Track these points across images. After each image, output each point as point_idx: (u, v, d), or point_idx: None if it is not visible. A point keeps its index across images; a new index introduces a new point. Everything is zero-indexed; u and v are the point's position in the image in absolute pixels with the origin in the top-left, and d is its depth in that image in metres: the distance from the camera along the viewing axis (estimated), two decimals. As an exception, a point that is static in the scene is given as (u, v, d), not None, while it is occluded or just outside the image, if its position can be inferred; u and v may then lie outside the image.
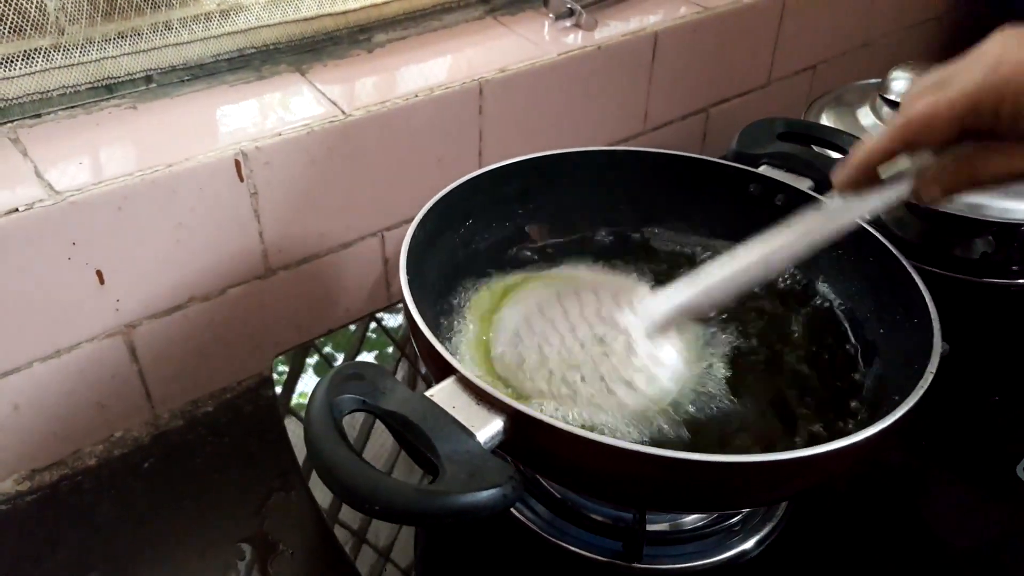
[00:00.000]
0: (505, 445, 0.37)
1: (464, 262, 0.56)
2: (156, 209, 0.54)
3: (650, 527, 0.49)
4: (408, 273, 0.44)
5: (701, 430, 0.46)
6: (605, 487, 0.40)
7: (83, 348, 0.56)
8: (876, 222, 0.77)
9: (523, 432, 0.36)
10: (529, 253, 0.59)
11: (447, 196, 0.52)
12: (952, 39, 1.16)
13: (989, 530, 0.52)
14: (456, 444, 0.34)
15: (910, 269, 0.49)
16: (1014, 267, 0.73)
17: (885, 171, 0.44)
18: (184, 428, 0.62)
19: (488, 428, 0.36)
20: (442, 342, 0.40)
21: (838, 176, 0.45)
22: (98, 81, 0.58)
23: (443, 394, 0.37)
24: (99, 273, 0.54)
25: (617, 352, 0.45)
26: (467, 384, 0.37)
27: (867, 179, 0.45)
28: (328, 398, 0.33)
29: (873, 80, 0.81)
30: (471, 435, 0.35)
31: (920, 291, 0.47)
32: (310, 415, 0.32)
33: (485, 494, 0.31)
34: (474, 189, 0.54)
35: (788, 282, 0.55)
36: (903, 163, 0.44)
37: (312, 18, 0.65)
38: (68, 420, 0.58)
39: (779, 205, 0.57)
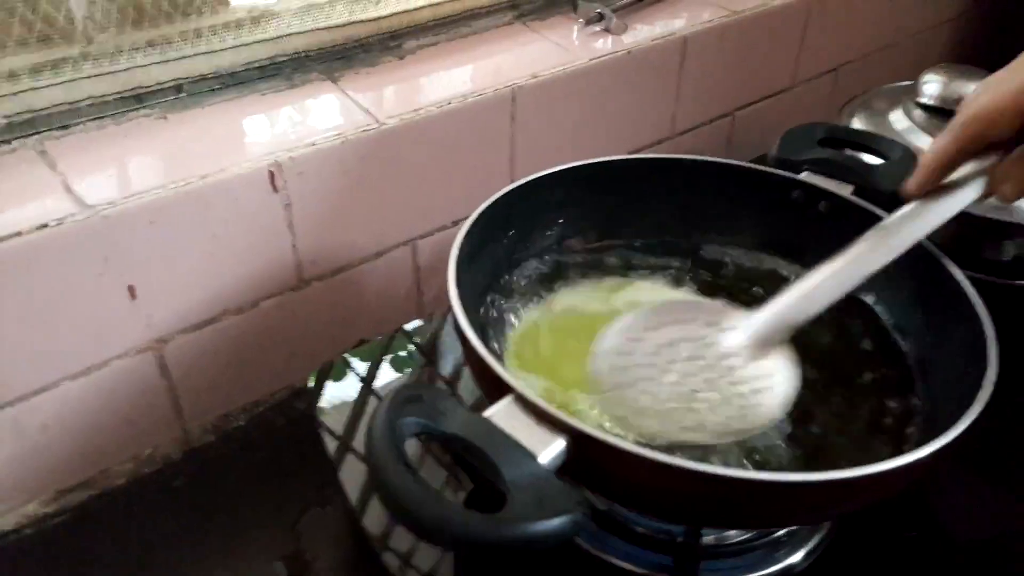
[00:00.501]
0: (566, 466, 0.36)
1: (506, 273, 0.55)
2: (189, 222, 0.53)
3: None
4: (458, 287, 0.43)
5: (762, 453, 0.44)
6: (665, 505, 0.39)
7: (113, 365, 0.55)
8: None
9: (585, 452, 0.35)
10: (574, 263, 0.58)
11: (491, 207, 0.51)
12: (974, 38, 1.15)
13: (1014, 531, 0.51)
14: (520, 468, 0.33)
15: (962, 280, 0.48)
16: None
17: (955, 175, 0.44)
18: (216, 443, 0.61)
19: (550, 449, 0.35)
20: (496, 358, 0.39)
21: (911, 183, 0.45)
22: (127, 91, 0.57)
23: (502, 414, 0.36)
24: (131, 288, 0.53)
25: (728, 374, 0.44)
26: (526, 403, 0.36)
27: (939, 184, 0.45)
28: (390, 421, 0.32)
29: (904, 83, 0.80)
30: (533, 458, 0.34)
31: (970, 300, 0.46)
32: (373, 440, 0.31)
33: (556, 522, 0.30)
34: (517, 198, 0.53)
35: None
36: (970, 167, 0.44)
37: (343, 25, 0.64)
38: (96, 439, 0.57)
39: (822, 212, 0.56)
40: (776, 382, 0.44)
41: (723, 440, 0.43)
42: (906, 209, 0.46)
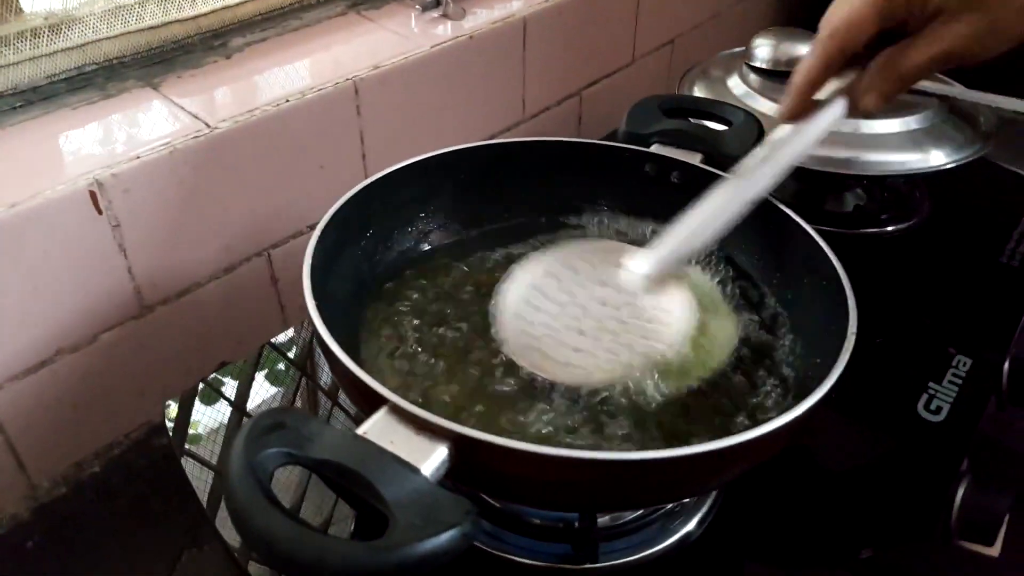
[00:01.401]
0: (451, 472, 0.34)
1: (371, 275, 0.52)
2: (2, 258, 0.48)
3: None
4: (315, 298, 0.40)
5: (639, 422, 0.44)
6: (557, 496, 0.38)
7: (-67, 426, 0.48)
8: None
9: (469, 455, 0.34)
10: (442, 250, 0.57)
11: (341, 209, 0.48)
12: (794, 5, 1.21)
13: (902, 470, 0.54)
14: (402, 485, 0.31)
15: (815, 236, 0.50)
16: (883, 216, 0.77)
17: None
18: (69, 495, 0.56)
19: (432, 459, 0.33)
20: (365, 369, 0.37)
21: (783, 107, 0.47)
22: (-90, 117, 0.50)
23: (377, 429, 0.34)
24: (-58, 338, 0.47)
25: (625, 311, 0.46)
26: (402, 413, 0.34)
27: (809, 104, 0.46)
28: (247, 457, 0.29)
29: (737, 49, 0.83)
30: (416, 471, 0.32)
31: (826, 255, 0.48)
32: (230, 481, 0.28)
33: (444, 537, 0.28)
34: (369, 197, 0.50)
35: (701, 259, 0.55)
36: (832, 85, 0.46)
37: (158, 26, 0.59)
38: (-74, 509, 0.50)
39: (676, 182, 0.57)
40: (675, 314, 0.46)
41: (633, 373, 0.44)
42: (779, 134, 0.48)
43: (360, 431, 0.33)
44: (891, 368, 0.60)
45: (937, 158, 0.66)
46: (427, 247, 0.57)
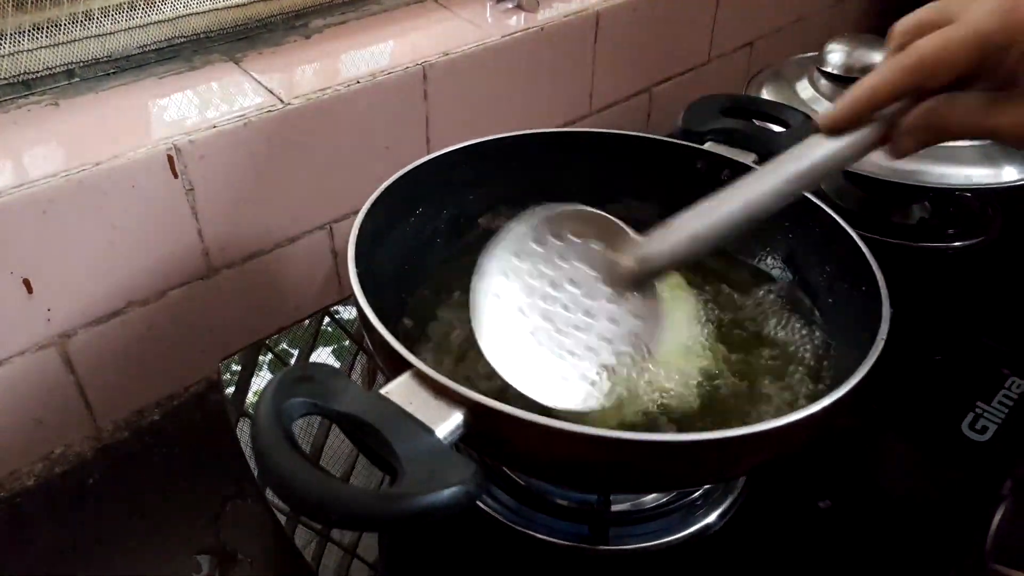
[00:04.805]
0: (467, 438, 0.36)
1: (420, 251, 0.54)
2: (85, 211, 0.52)
3: (613, 507, 0.48)
4: (358, 266, 0.42)
5: (668, 411, 0.45)
6: (568, 473, 0.40)
7: (14, 363, 0.53)
8: (816, 192, 0.79)
9: (484, 423, 0.35)
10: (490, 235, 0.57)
11: (392, 186, 0.51)
12: (882, 9, 1.18)
13: (939, 488, 0.53)
14: (415, 443, 0.32)
15: (856, 239, 0.49)
16: (950, 231, 0.74)
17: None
18: (130, 440, 0.60)
19: (448, 423, 0.34)
20: (397, 336, 0.39)
21: (828, 113, 0.41)
22: (14, 77, 0.55)
23: (399, 391, 0.35)
24: (26, 282, 0.51)
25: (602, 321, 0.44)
26: (424, 378, 0.36)
27: (859, 120, 0.40)
28: (275, 403, 0.31)
29: (810, 54, 0.82)
30: (430, 432, 0.34)
31: (867, 260, 0.48)
32: (257, 423, 0.31)
33: (447, 493, 0.30)
34: (421, 176, 0.52)
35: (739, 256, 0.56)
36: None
37: (245, 4, 0.62)
38: (2, 440, 0.54)
39: (725, 180, 0.57)
40: (651, 320, 0.45)
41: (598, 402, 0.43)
42: (806, 144, 0.43)
43: (383, 391, 0.35)
44: (941, 383, 0.59)
45: (1010, 174, 0.64)
46: (477, 229, 0.59)
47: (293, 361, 0.62)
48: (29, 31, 0.54)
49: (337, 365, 0.62)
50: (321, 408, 0.33)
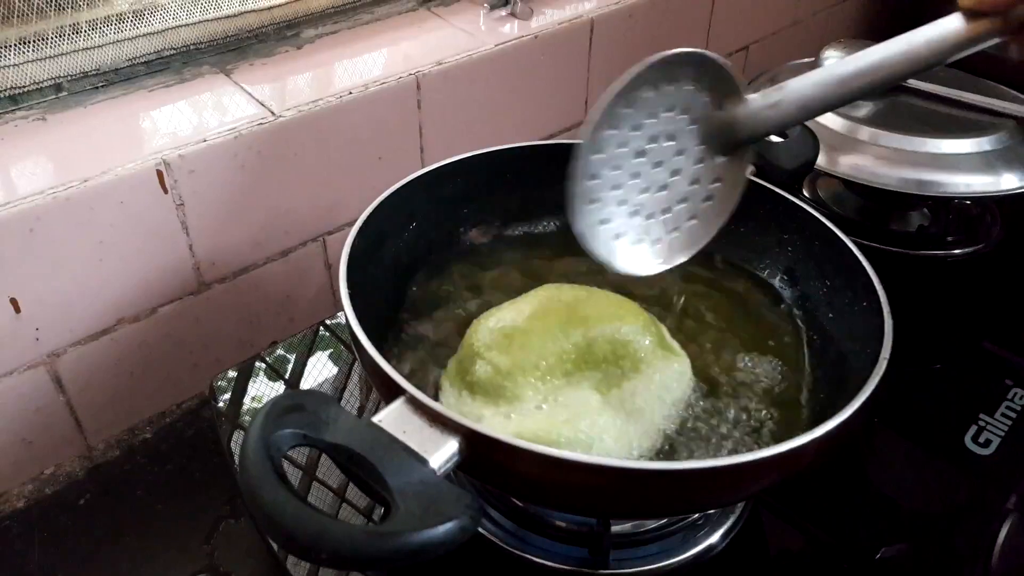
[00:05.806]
0: (463, 465, 0.35)
1: (412, 266, 0.53)
2: (73, 228, 0.51)
3: (614, 529, 0.48)
4: (349, 287, 0.41)
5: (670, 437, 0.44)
6: (565, 499, 0.39)
7: (2, 383, 0.52)
8: (814, 199, 0.78)
9: (479, 451, 0.35)
10: (483, 248, 0.57)
11: (386, 201, 0.50)
12: (877, 14, 1.17)
13: (943, 501, 0.52)
14: (408, 474, 0.31)
15: (858, 253, 0.48)
16: (949, 238, 0.74)
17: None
18: (121, 458, 0.59)
19: (442, 452, 0.34)
20: (392, 353, 0.38)
21: None
22: (0, 92, 0.54)
23: (391, 418, 0.35)
24: (14, 301, 0.50)
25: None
26: (418, 405, 0.35)
27: (1005, 7, 0.39)
28: (264, 435, 0.30)
29: (807, 59, 0.81)
30: (424, 462, 0.33)
31: (869, 275, 0.47)
32: (245, 455, 0.30)
33: (441, 530, 0.29)
34: (415, 190, 0.51)
35: (732, 269, 0.55)
36: None
37: (235, 15, 0.62)
38: (-10, 461, 0.54)
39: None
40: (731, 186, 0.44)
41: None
42: (939, 22, 0.41)
43: (376, 419, 0.34)
44: (943, 395, 0.58)
45: (1009, 182, 0.63)
46: (469, 243, 0.58)
47: (290, 368, 0.61)
48: (16, 45, 0.53)
49: (335, 370, 0.61)
50: (311, 440, 0.32)
